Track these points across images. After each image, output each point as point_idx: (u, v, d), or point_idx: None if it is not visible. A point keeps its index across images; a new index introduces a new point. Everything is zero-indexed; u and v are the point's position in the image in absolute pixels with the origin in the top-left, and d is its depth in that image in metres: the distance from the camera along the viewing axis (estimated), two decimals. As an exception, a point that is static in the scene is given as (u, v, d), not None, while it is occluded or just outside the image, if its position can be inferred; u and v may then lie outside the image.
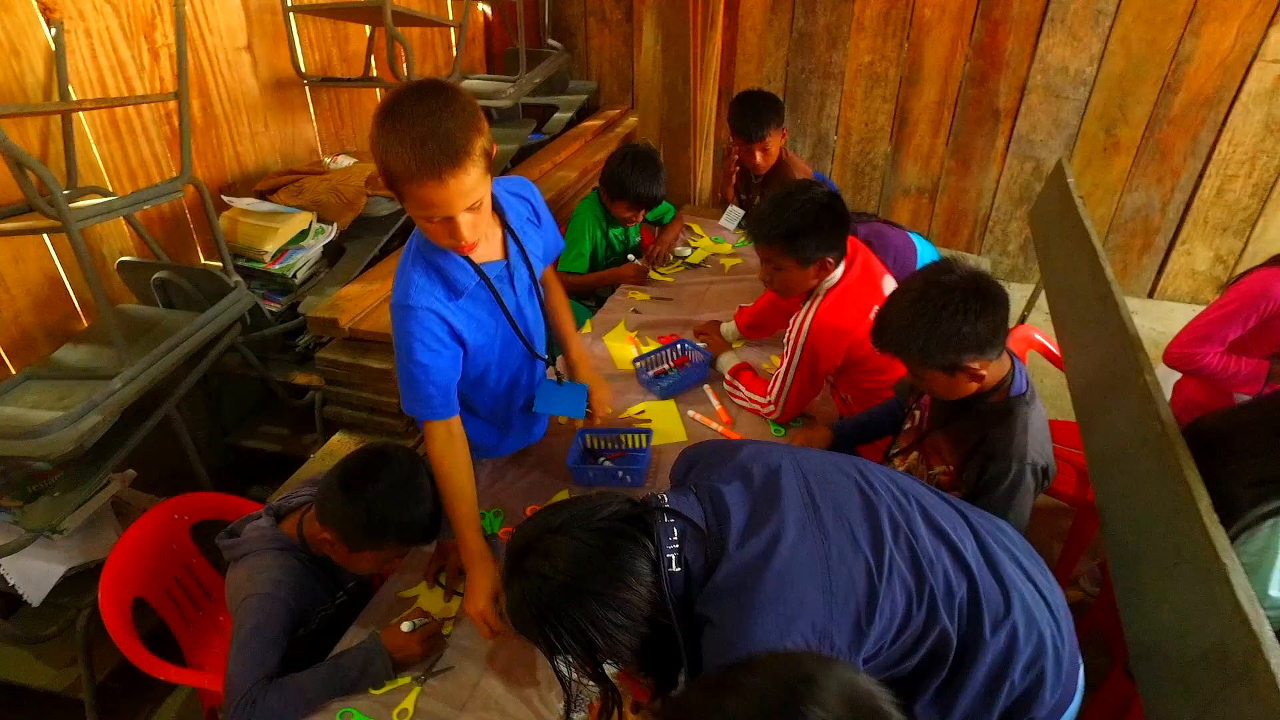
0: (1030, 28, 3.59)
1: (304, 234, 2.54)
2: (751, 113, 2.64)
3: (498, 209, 1.48)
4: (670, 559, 1.07)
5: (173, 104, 2.32)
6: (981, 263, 3.16)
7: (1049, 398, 2.83)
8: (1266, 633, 1.11)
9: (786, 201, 1.78)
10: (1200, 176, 3.65)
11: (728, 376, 2.04)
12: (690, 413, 1.95)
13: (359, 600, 1.55)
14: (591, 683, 1.15)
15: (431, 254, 1.42)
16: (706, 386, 2.05)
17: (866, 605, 1.06)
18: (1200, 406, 2.05)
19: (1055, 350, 2.39)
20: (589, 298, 2.65)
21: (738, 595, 1.04)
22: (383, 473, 1.38)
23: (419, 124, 1.19)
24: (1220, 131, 3.54)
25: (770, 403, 1.91)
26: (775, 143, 2.66)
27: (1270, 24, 3.28)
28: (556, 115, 4.00)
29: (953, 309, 1.38)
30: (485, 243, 1.46)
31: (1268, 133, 3.48)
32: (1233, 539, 1.40)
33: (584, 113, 4.22)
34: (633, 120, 4.10)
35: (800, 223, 1.75)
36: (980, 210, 4.01)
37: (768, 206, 1.83)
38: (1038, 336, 2.45)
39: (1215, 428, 1.58)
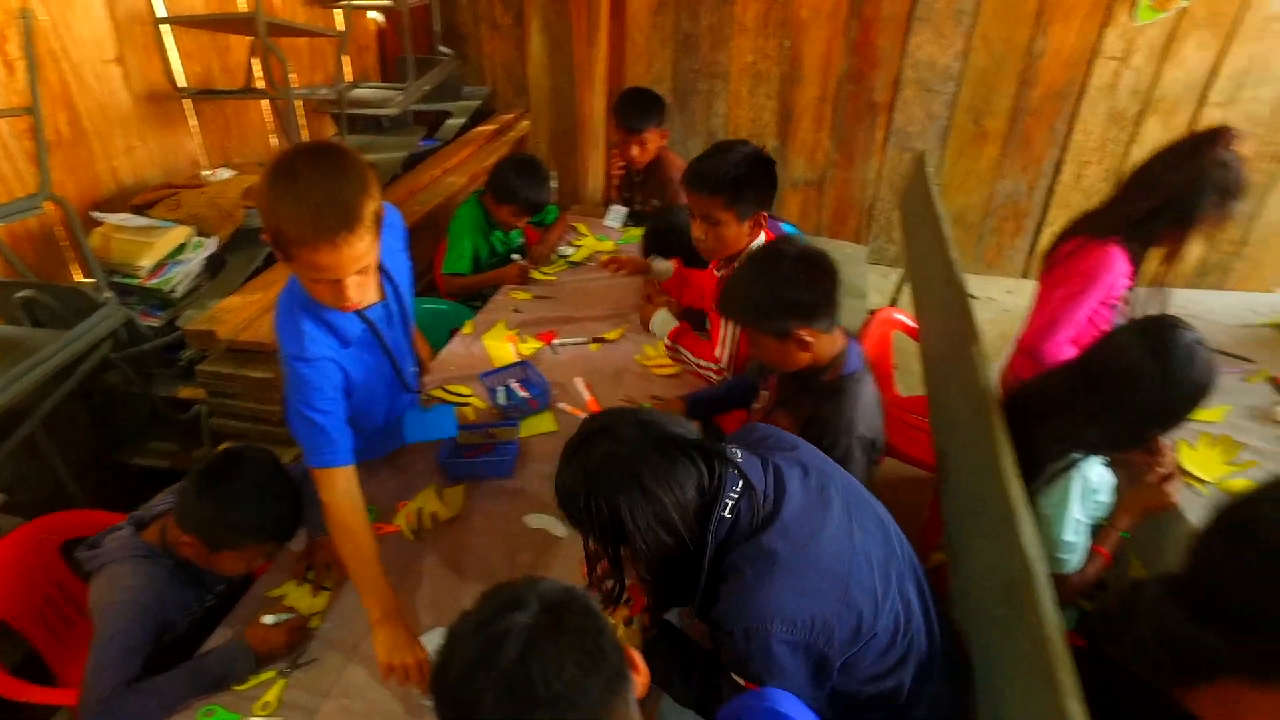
0: (900, 26, 3.78)
1: (183, 248, 2.53)
2: (633, 106, 2.76)
3: None
4: (727, 504, 1.17)
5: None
6: (859, 250, 3.34)
7: (916, 375, 3.00)
8: (1039, 571, 1.25)
9: (727, 153, 1.85)
10: (1059, 164, 3.90)
11: (668, 342, 2.13)
12: (560, 405, 2.03)
13: (229, 604, 1.58)
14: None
15: (314, 307, 1.44)
16: (577, 379, 2.13)
17: (864, 620, 1.19)
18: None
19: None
20: (475, 299, 2.71)
21: (774, 560, 1.16)
22: (238, 473, 1.42)
23: (315, 189, 1.21)
24: (1073, 122, 3.80)
25: (722, 368, 2.00)
26: (653, 139, 2.76)
27: (1104, 24, 3.54)
28: (449, 121, 4.03)
29: (782, 275, 1.52)
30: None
31: (1112, 122, 3.75)
32: (1036, 493, 1.55)
33: (479, 118, 4.26)
34: (526, 124, 4.16)
35: (741, 174, 1.82)
36: (865, 200, 4.19)
37: (709, 155, 1.91)
38: (899, 316, 2.60)
39: (1030, 392, 1.74)
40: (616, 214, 2.97)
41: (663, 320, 2.21)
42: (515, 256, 2.75)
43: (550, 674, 0.76)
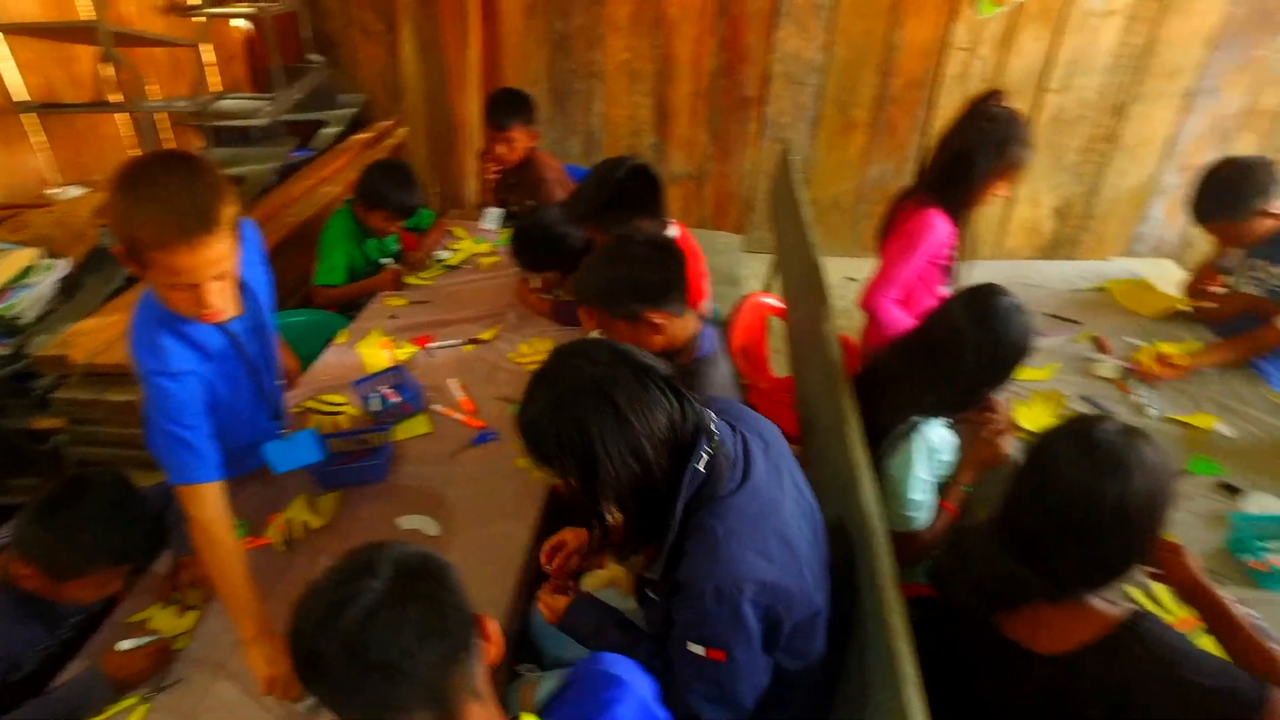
0: (765, 22, 3.91)
1: (29, 271, 2.41)
2: (500, 105, 2.78)
3: None
4: (703, 458, 1.19)
5: None
6: (735, 240, 3.45)
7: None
8: (877, 527, 1.35)
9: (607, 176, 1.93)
10: (923, 148, 4.11)
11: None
12: (435, 407, 2.04)
13: (89, 633, 1.53)
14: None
15: (172, 321, 1.41)
16: (451, 380, 2.14)
17: (813, 595, 1.25)
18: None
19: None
20: (351, 309, 2.67)
21: (744, 522, 1.19)
22: (82, 497, 1.38)
23: (169, 192, 1.21)
24: (931, 109, 4.01)
25: None
26: (521, 137, 2.79)
27: (952, 18, 3.76)
28: (324, 130, 3.95)
29: (631, 261, 1.58)
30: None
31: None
32: (884, 457, 1.66)
33: (356, 126, 4.19)
34: (404, 131, 4.12)
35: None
36: (744, 191, 4.32)
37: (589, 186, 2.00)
38: (768, 300, 2.71)
39: (876, 364, 1.85)
40: (492, 216, 2.98)
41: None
42: (386, 261, 2.73)
43: (387, 641, 0.80)
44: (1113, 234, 4.35)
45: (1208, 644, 1.29)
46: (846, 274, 3.71)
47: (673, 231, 1.99)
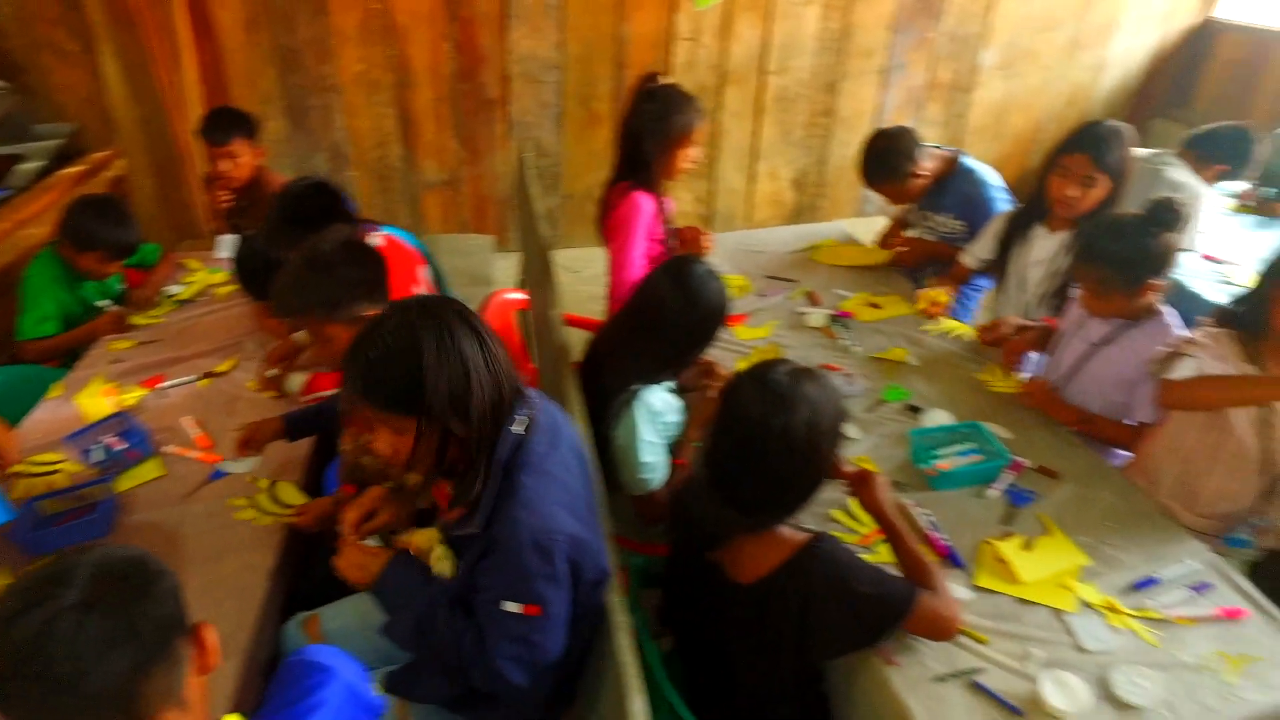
0: (497, 23, 3.97)
1: None
2: (217, 120, 2.68)
3: None
4: (517, 420, 1.26)
5: None
6: (486, 240, 3.50)
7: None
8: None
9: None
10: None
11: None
12: (167, 448, 1.93)
13: None
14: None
15: None
16: (184, 419, 2.04)
17: (602, 560, 1.35)
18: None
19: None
20: (71, 359, 2.45)
21: (556, 482, 1.28)
22: None
23: None
24: (668, 97, 4.25)
25: None
26: (245, 152, 2.67)
27: (674, 10, 4.01)
28: (21, 166, 3.54)
29: (335, 264, 1.59)
30: None
31: (699, 94, 4.12)
32: (611, 427, 1.77)
33: (64, 159, 3.79)
34: (124, 162, 3.79)
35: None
36: (499, 192, 4.37)
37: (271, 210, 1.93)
38: (512, 296, 2.77)
39: (597, 340, 1.97)
40: (226, 244, 2.83)
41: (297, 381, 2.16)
42: (104, 304, 2.52)
43: (62, 653, 0.78)
44: (844, 199, 4.83)
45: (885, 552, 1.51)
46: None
47: (375, 240, 1.98)
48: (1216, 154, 2.88)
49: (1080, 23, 4.60)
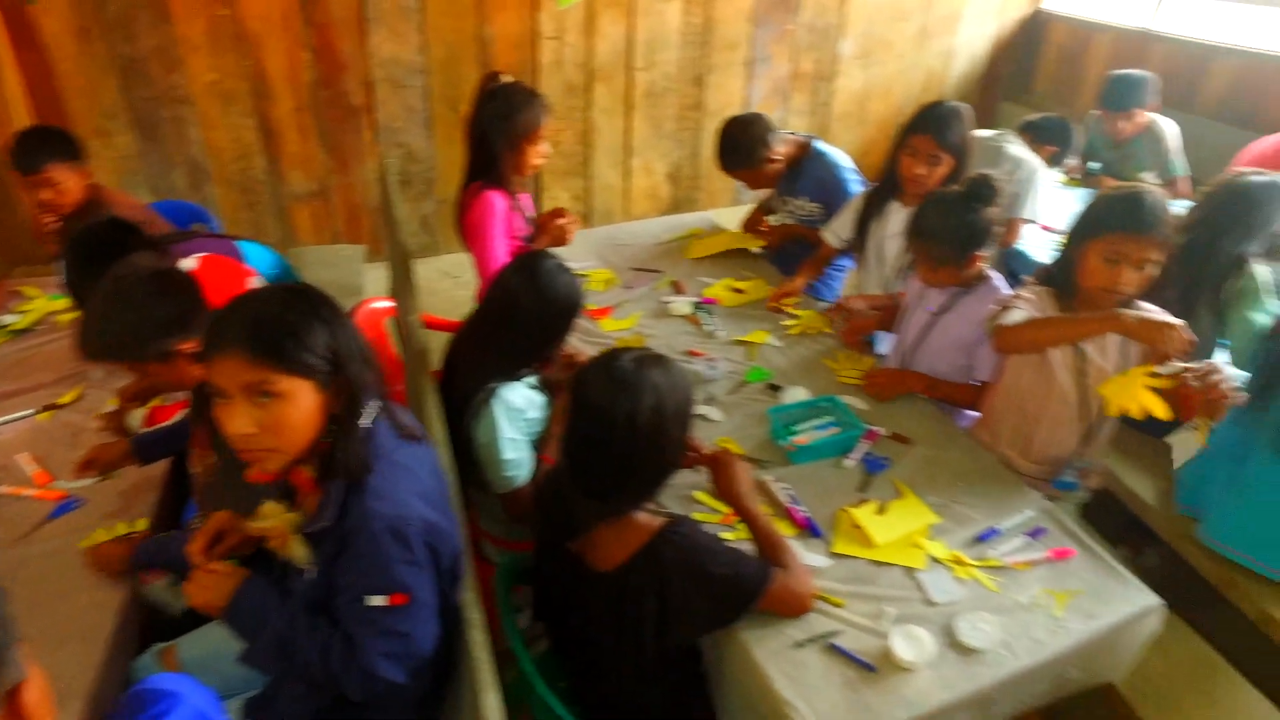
0: (355, 28, 3.86)
1: None
2: (25, 145, 2.42)
3: None
4: (365, 414, 1.25)
5: None
6: (357, 250, 3.41)
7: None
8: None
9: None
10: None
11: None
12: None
13: None
14: None
15: None
16: (20, 455, 1.91)
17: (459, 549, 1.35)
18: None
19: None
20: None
21: (408, 471, 1.28)
22: None
23: None
24: (538, 96, 4.24)
25: None
26: (66, 177, 2.47)
27: (536, 10, 4.00)
28: None
29: (143, 298, 1.49)
30: None
31: (569, 93, 4.27)
32: (474, 429, 1.76)
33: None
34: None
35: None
36: (371, 201, 4.26)
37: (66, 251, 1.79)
38: (379, 305, 2.71)
39: (455, 341, 1.95)
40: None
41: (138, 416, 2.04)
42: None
43: None
44: (720, 189, 4.93)
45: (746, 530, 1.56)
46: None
47: (188, 264, 1.88)
48: (1046, 137, 3.16)
49: (928, 13, 4.84)
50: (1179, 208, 2.27)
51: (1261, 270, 2.10)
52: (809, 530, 1.67)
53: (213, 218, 3.42)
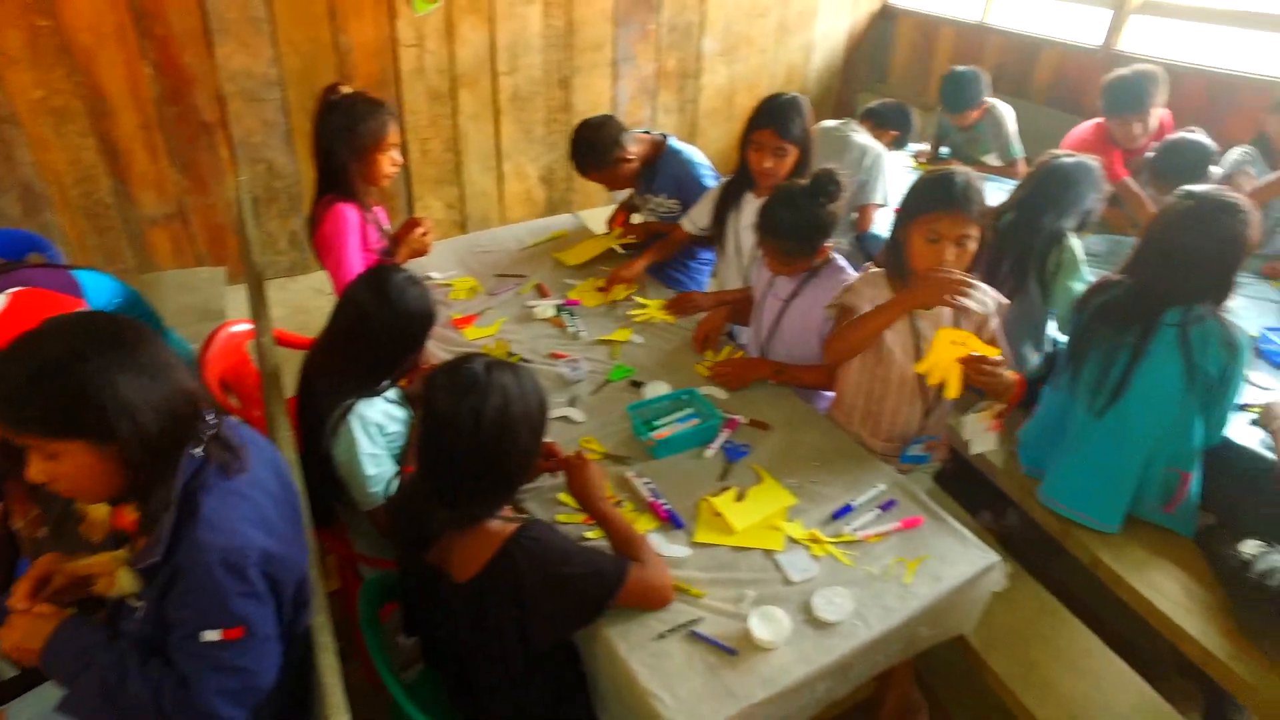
0: (199, 40, 3.68)
1: None
2: None
3: None
4: (198, 441, 1.20)
5: None
6: (218, 272, 3.26)
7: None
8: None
9: None
10: (404, 145, 4.24)
11: None
12: None
13: None
14: None
15: None
16: None
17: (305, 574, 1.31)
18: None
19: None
20: None
21: (243, 497, 1.23)
22: None
23: None
24: (401, 105, 4.15)
25: None
26: None
27: (393, 17, 3.92)
28: None
29: None
30: None
31: (433, 100, 4.20)
32: (333, 446, 1.72)
33: None
34: None
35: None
36: (234, 220, 4.08)
37: None
38: (237, 328, 2.60)
39: (308, 359, 1.90)
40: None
41: None
42: None
43: None
44: (595, 189, 4.91)
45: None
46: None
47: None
48: (887, 123, 3.31)
49: (785, 9, 5.01)
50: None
51: (1075, 243, 2.27)
52: (671, 522, 1.71)
53: (53, 246, 3.19)
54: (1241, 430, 2.07)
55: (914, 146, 3.91)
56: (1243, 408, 2.17)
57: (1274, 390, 2.28)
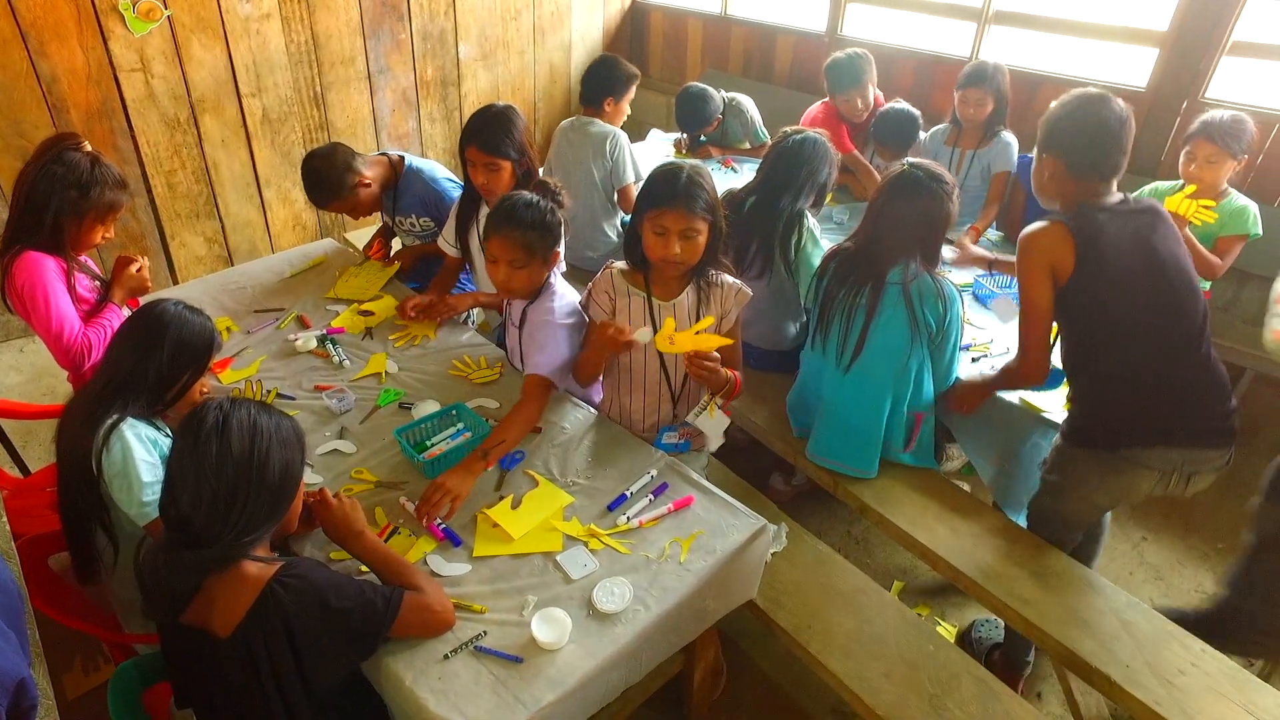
0: None
1: None
2: None
3: None
4: None
5: None
6: None
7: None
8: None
9: None
10: (146, 178, 3.88)
11: None
12: None
13: None
14: None
15: None
16: None
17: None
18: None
19: None
20: None
21: None
22: None
23: None
24: (135, 136, 3.79)
25: None
26: None
27: (107, 39, 3.55)
28: None
29: None
30: None
31: (174, 128, 3.87)
32: (102, 468, 1.62)
33: None
34: None
35: None
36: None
37: None
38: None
39: (66, 413, 1.73)
40: None
41: None
42: None
43: None
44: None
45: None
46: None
47: None
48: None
49: (538, 10, 5.04)
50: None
51: (812, 219, 2.47)
52: (449, 540, 1.69)
53: None
54: (966, 368, 2.35)
55: (674, 135, 4.09)
56: (965, 348, 2.45)
57: (990, 329, 2.59)
